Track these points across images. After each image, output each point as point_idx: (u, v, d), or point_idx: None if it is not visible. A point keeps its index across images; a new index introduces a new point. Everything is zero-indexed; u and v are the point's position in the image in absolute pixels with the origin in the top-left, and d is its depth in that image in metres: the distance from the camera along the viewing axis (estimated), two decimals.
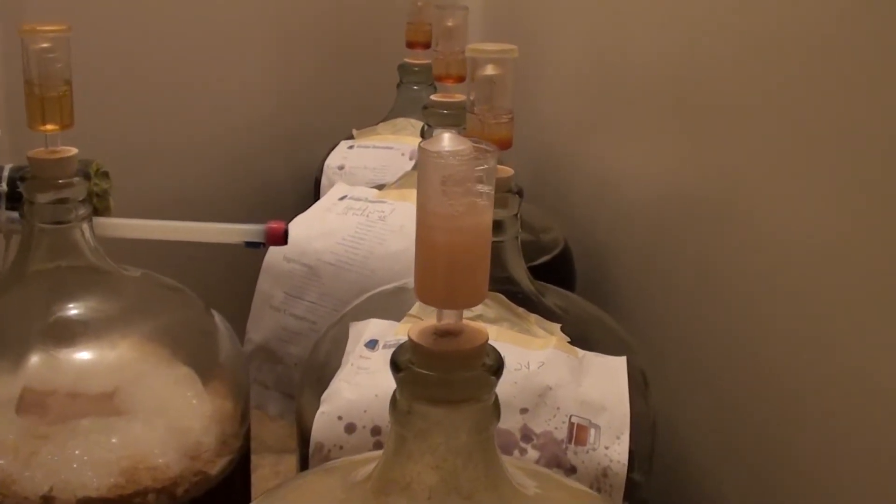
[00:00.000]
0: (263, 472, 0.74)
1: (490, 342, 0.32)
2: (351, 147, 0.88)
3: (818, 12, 0.50)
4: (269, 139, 0.97)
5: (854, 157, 0.48)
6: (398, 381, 0.32)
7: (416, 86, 0.92)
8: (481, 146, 0.29)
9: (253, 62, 0.95)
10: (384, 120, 0.92)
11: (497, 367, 0.32)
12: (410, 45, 0.91)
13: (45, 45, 0.47)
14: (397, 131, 0.89)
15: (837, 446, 0.49)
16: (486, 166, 0.29)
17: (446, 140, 0.29)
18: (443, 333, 0.31)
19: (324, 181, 0.85)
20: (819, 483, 0.51)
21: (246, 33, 0.94)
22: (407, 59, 0.92)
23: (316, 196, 0.82)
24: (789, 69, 0.53)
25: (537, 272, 0.57)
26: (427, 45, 0.89)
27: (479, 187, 0.28)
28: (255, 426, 0.58)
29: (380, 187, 0.74)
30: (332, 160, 0.87)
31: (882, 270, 0.46)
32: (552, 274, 0.63)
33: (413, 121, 0.89)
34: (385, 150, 0.87)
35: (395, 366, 0.32)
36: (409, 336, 0.31)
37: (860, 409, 0.48)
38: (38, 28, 0.47)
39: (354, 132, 0.91)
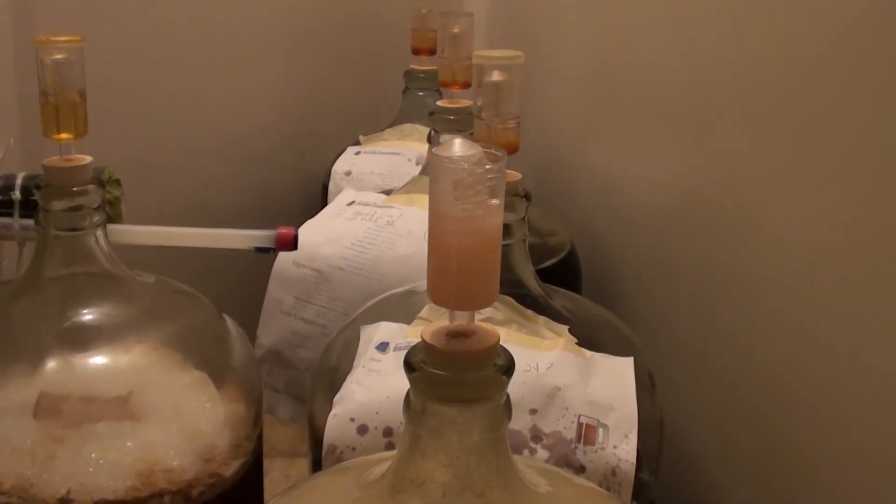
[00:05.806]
0: (274, 475, 0.74)
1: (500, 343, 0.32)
2: (358, 153, 0.89)
3: (820, 16, 0.51)
4: (276, 146, 0.98)
5: (857, 157, 0.48)
6: (412, 380, 0.32)
7: (422, 92, 0.92)
8: (491, 151, 0.30)
9: (260, 70, 0.96)
10: (390, 126, 0.92)
11: (508, 367, 0.32)
12: (416, 51, 0.92)
13: (59, 55, 0.48)
14: (403, 137, 0.90)
15: (842, 443, 0.50)
16: (496, 170, 0.29)
17: (457, 145, 0.29)
18: (455, 334, 0.32)
19: (331, 187, 0.86)
20: (825, 481, 0.51)
21: (253, 41, 0.94)
22: (412, 66, 0.93)
23: (323, 202, 0.83)
24: (792, 71, 0.53)
25: (544, 275, 0.57)
26: (432, 52, 0.90)
27: (490, 191, 0.29)
28: (266, 430, 0.59)
29: (387, 192, 0.74)
30: (340, 166, 0.87)
31: (886, 270, 0.46)
32: (559, 277, 0.64)
33: (419, 126, 0.89)
34: (391, 156, 0.87)
35: (409, 366, 0.32)
36: (421, 337, 0.32)
37: (865, 407, 0.48)
38: (53, 39, 0.47)
39: (361, 138, 0.92)
